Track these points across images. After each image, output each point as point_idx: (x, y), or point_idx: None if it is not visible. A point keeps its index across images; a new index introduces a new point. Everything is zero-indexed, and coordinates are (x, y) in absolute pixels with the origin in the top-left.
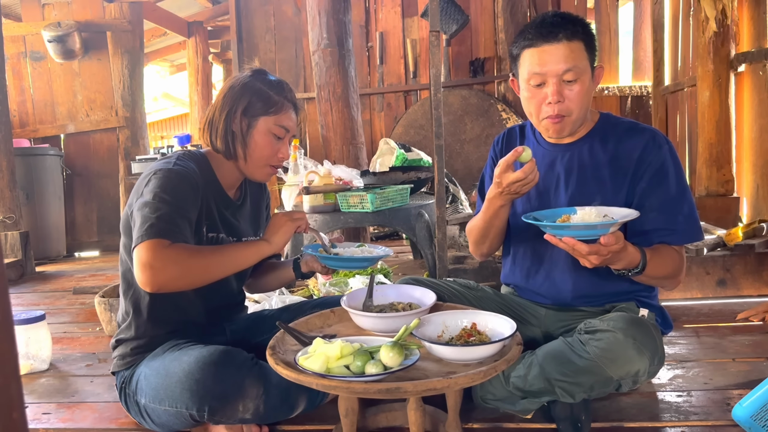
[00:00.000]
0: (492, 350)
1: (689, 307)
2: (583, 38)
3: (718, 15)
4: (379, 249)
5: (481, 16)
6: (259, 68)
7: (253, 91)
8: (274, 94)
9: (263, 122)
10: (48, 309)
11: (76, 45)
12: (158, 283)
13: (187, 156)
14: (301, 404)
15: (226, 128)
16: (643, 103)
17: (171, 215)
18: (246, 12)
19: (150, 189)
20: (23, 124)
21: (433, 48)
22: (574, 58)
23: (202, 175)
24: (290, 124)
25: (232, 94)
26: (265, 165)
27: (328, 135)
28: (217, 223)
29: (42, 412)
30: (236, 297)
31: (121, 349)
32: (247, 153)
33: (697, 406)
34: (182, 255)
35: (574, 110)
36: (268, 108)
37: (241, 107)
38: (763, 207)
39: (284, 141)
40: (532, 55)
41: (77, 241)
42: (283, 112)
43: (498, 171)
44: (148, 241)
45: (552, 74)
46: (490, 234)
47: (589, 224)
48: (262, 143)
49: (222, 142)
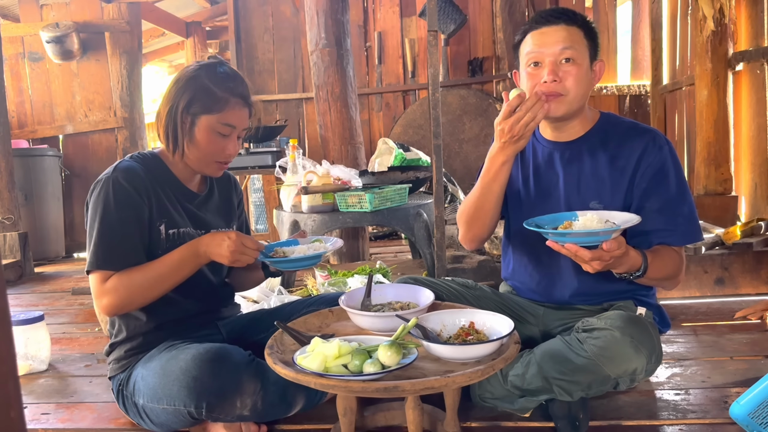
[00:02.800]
0: (490, 349)
1: (687, 306)
2: (583, 28)
3: (716, 14)
4: (329, 243)
5: (479, 15)
6: (211, 60)
7: (196, 87)
8: (219, 91)
9: (205, 120)
10: (47, 310)
11: (75, 46)
12: (109, 313)
13: (134, 158)
14: (299, 402)
15: (168, 124)
16: (641, 102)
17: (111, 239)
18: (244, 12)
19: (92, 207)
20: (22, 125)
21: (431, 48)
22: (572, 40)
23: (152, 174)
24: (236, 121)
25: (177, 89)
26: (210, 162)
27: (326, 135)
28: (178, 219)
29: (41, 413)
30: (220, 291)
31: (115, 353)
32: (190, 149)
33: (695, 404)
34: (120, 286)
35: (570, 89)
36: (210, 105)
37: (183, 103)
38: (761, 206)
39: (231, 137)
40: (532, 37)
41: (76, 242)
42: (228, 110)
43: (500, 118)
44: (94, 273)
45: (549, 54)
46: (485, 207)
47: (592, 231)
48: (205, 141)
49: (164, 137)
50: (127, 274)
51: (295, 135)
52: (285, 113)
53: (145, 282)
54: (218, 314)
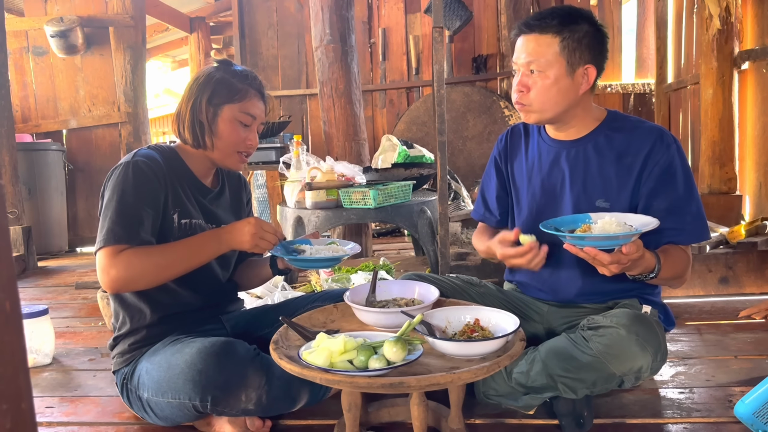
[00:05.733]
0: (495, 346)
1: (691, 305)
2: (559, 33)
3: (722, 12)
4: (347, 246)
5: (484, 12)
6: (224, 59)
7: (217, 80)
8: (238, 82)
9: (228, 110)
10: (50, 304)
11: (79, 40)
12: (115, 287)
13: (152, 148)
14: (303, 397)
15: (193, 118)
16: (646, 100)
17: (128, 217)
18: (248, 8)
19: (110, 187)
20: (25, 119)
21: (437, 44)
22: (538, 52)
23: (170, 165)
24: (256, 112)
25: (197, 85)
26: (233, 152)
27: (330, 131)
28: (192, 210)
29: (45, 406)
30: (225, 285)
31: (119, 347)
32: (214, 141)
33: (699, 402)
34: (135, 259)
35: (533, 102)
36: (232, 95)
37: (206, 96)
38: (765, 205)
39: (252, 128)
40: (516, 44)
41: (79, 237)
42: (248, 100)
43: (506, 254)
44: (105, 247)
45: (519, 65)
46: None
47: (612, 235)
48: (228, 131)
49: (189, 132)
50: (144, 250)
51: (299, 131)
52: (288, 109)
53: (161, 260)
54: (222, 309)
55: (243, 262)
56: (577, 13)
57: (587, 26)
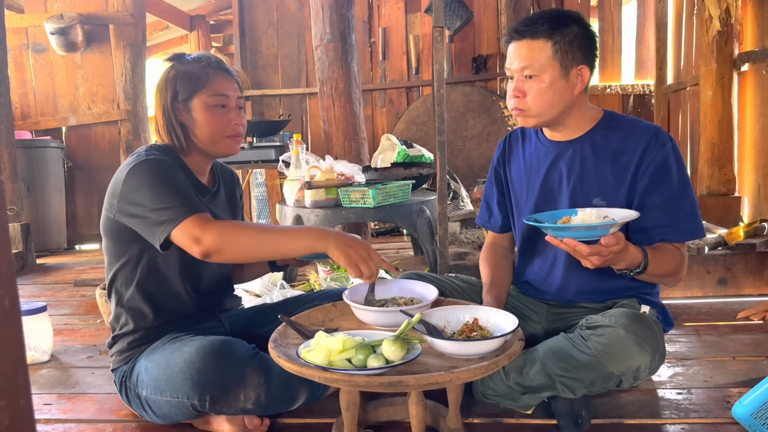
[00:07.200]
0: (494, 345)
1: (690, 306)
2: (550, 37)
3: (722, 14)
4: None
5: (484, 12)
6: (174, 54)
7: (174, 77)
8: (195, 70)
9: (197, 100)
10: (49, 301)
11: (79, 37)
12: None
13: (155, 147)
14: (302, 396)
15: (168, 124)
16: (645, 101)
17: (180, 195)
18: (248, 6)
19: (139, 181)
20: (25, 116)
21: (437, 44)
22: (531, 57)
23: (176, 163)
24: (226, 89)
25: (159, 91)
26: (221, 138)
27: (330, 130)
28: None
29: (43, 403)
30: (222, 281)
31: (118, 345)
32: (198, 135)
33: (697, 403)
34: (230, 228)
35: (530, 107)
36: (195, 85)
37: (170, 98)
38: (764, 206)
39: (230, 108)
40: (507, 51)
41: (78, 234)
42: (212, 82)
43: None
44: (183, 221)
45: (513, 71)
46: None
47: (589, 225)
48: (206, 119)
49: (171, 137)
50: (239, 223)
51: (299, 130)
52: (288, 108)
53: (256, 236)
54: (221, 306)
55: None
56: (566, 15)
57: (577, 28)
